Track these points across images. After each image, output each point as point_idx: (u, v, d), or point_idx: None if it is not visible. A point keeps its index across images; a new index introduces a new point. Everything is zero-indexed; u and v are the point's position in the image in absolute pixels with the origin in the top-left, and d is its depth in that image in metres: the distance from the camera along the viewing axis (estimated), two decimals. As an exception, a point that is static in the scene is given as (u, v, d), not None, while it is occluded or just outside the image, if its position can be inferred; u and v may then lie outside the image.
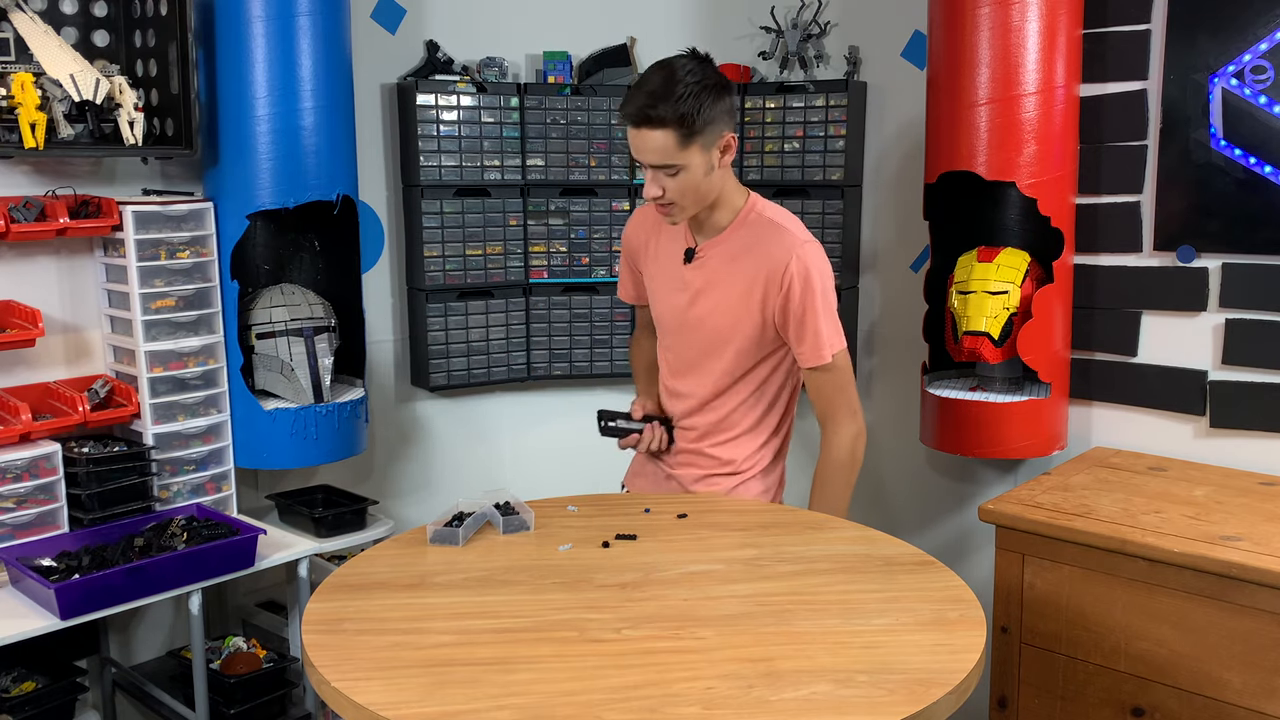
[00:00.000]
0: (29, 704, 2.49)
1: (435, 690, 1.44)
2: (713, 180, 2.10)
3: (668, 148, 2.02)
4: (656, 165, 2.05)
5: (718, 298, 2.19)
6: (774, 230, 2.15)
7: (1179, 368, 2.69)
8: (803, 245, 2.12)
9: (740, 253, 2.16)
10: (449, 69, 3.23)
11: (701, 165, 2.06)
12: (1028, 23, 2.57)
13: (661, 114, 1.99)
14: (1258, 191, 2.51)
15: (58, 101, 2.51)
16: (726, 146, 2.09)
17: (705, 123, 2.02)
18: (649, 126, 2.01)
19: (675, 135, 2.01)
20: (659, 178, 2.07)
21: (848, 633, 1.60)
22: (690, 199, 2.10)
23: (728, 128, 2.08)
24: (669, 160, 2.03)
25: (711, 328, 2.20)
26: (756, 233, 2.16)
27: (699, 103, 2.00)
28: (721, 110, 2.05)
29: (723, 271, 2.18)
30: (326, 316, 2.91)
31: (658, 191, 2.09)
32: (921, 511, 3.26)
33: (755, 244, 2.15)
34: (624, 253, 2.43)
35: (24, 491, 2.45)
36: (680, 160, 2.03)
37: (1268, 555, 2.05)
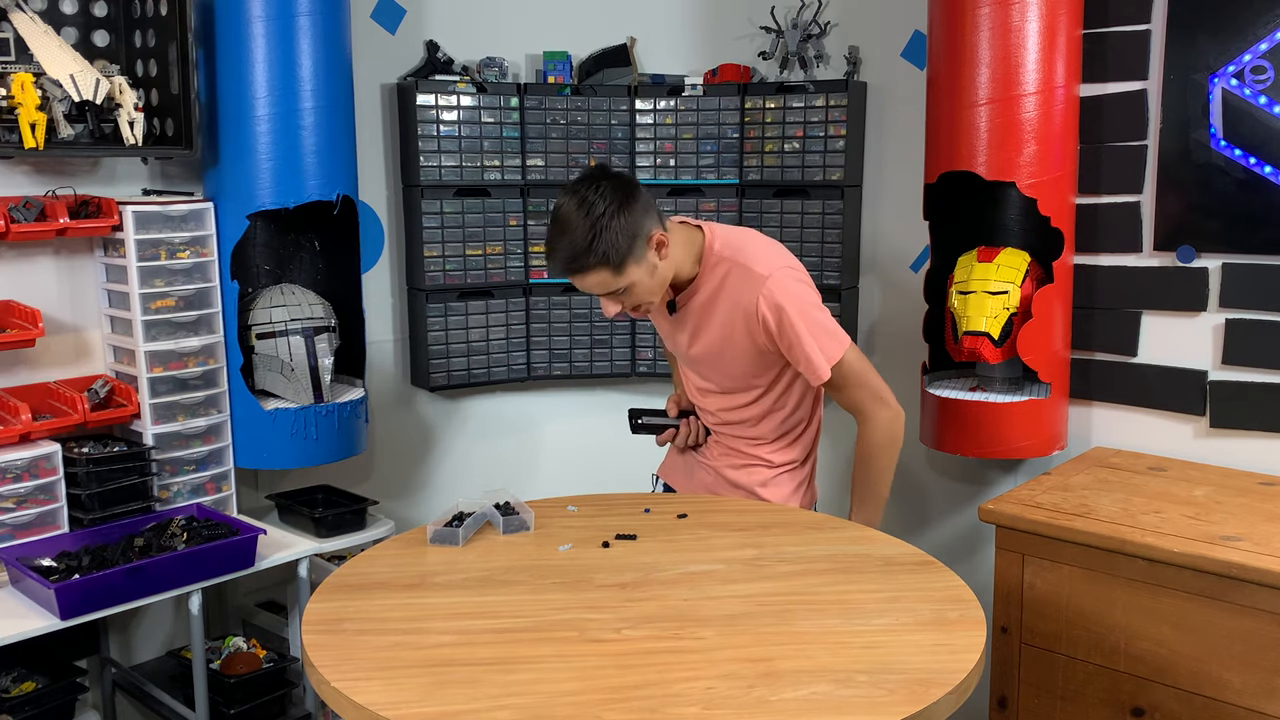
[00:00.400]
0: (29, 704, 2.49)
1: (435, 690, 1.44)
2: (662, 273, 2.14)
3: (605, 282, 2.08)
4: (605, 294, 2.12)
5: (708, 339, 2.25)
6: (739, 272, 2.17)
7: (1179, 368, 2.69)
8: (764, 283, 2.13)
9: (711, 299, 2.21)
10: (449, 69, 3.23)
11: (643, 273, 2.10)
12: (1028, 23, 2.57)
13: (585, 264, 2.05)
14: (1258, 191, 2.51)
15: (58, 101, 2.51)
16: (659, 244, 2.11)
17: (627, 247, 2.05)
18: (579, 274, 2.08)
19: (607, 272, 2.06)
20: (611, 300, 2.14)
21: (848, 633, 1.60)
22: (649, 297, 2.16)
23: (652, 228, 2.10)
24: (611, 288, 2.10)
25: (714, 360, 2.28)
26: (719, 276, 2.20)
27: (613, 235, 2.03)
28: (637, 220, 2.06)
29: (703, 318, 2.24)
30: (326, 316, 2.91)
31: (617, 309, 2.16)
32: (921, 511, 3.26)
33: (721, 288, 2.20)
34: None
35: (24, 491, 2.46)
36: (622, 284, 2.09)
37: (1268, 555, 2.05)
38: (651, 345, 3.45)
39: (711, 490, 2.39)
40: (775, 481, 2.34)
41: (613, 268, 2.05)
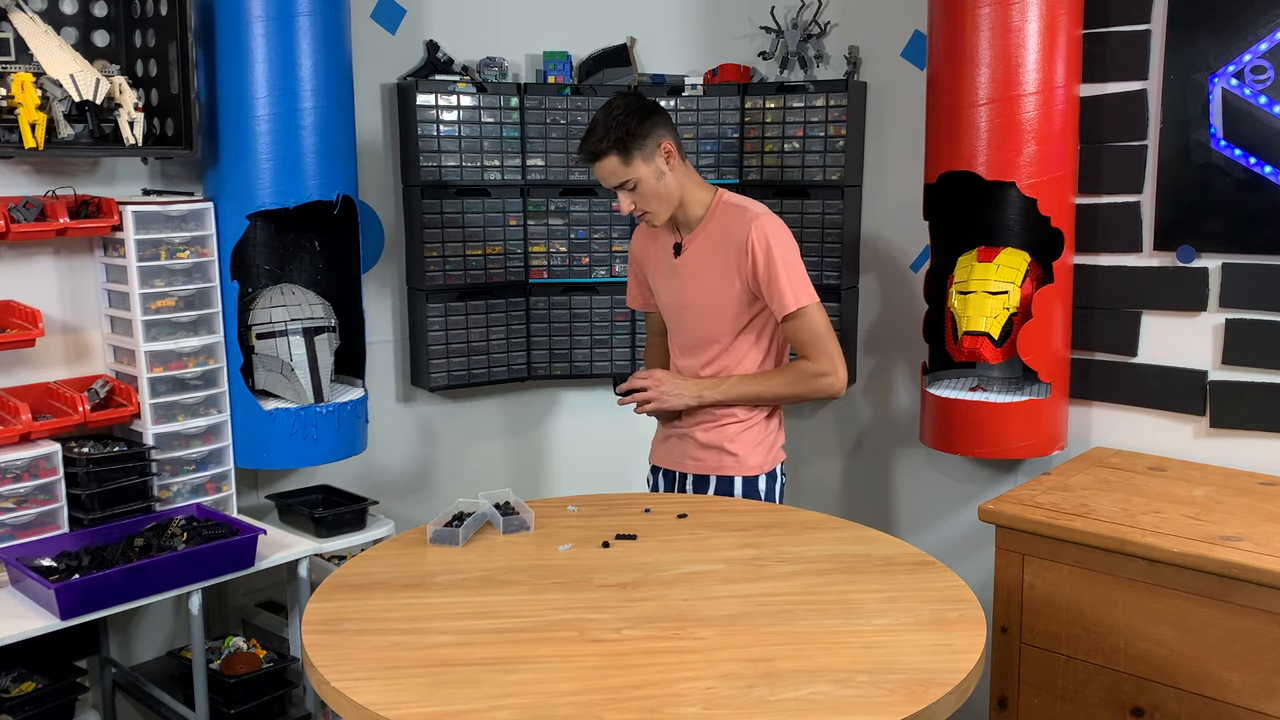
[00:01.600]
0: (29, 704, 2.49)
1: (435, 690, 1.44)
2: (668, 183, 2.47)
3: (615, 169, 2.43)
4: (615, 186, 2.46)
5: (703, 277, 2.52)
6: (736, 211, 2.50)
7: (1179, 368, 2.69)
8: (758, 218, 2.45)
9: (714, 237, 2.51)
10: (449, 69, 3.23)
11: (650, 173, 2.44)
12: (1028, 23, 2.57)
13: (600, 146, 2.42)
14: (1258, 191, 2.51)
15: (58, 101, 2.51)
16: (667, 152, 2.45)
17: (637, 139, 2.41)
18: (597, 160, 2.44)
19: (617, 158, 2.42)
20: (624, 196, 2.47)
21: (848, 633, 1.60)
22: (656, 203, 2.47)
23: (664, 137, 2.45)
24: (621, 178, 2.44)
25: (701, 302, 2.53)
26: (723, 217, 2.51)
27: (625, 126, 2.41)
28: (652, 125, 2.43)
29: (703, 255, 2.52)
30: (326, 316, 2.91)
31: (630, 205, 2.48)
32: (921, 511, 3.26)
33: (724, 227, 2.50)
34: (631, 264, 2.78)
35: (24, 491, 2.45)
36: (629, 175, 2.43)
37: (1268, 555, 2.06)
38: (651, 345, 3.44)
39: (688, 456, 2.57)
40: (741, 437, 2.53)
41: (621, 155, 2.40)
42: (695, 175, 2.55)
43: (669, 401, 2.52)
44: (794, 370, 2.51)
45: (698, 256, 2.53)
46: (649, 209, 2.48)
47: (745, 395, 2.51)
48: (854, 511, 3.34)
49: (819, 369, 2.46)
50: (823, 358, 2.45)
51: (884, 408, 3.34)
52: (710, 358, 2.56)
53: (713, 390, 2.51)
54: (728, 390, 2.50)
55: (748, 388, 2.51)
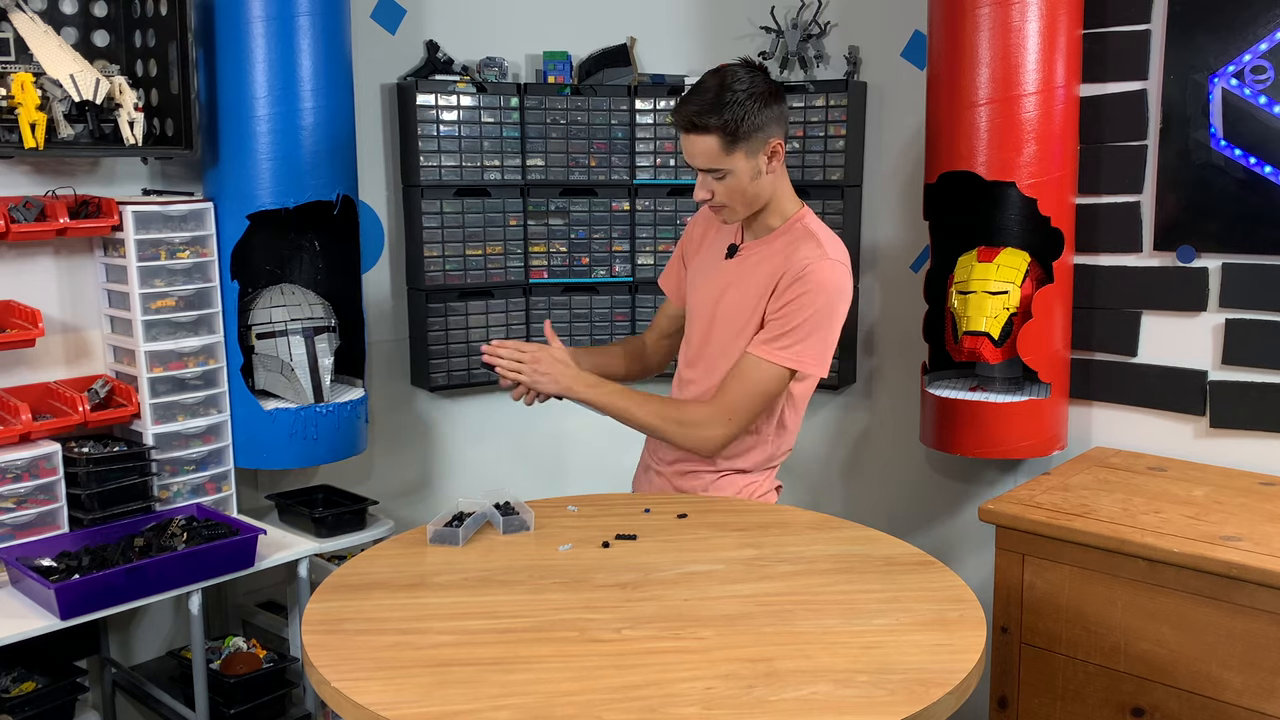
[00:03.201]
0: (29, 704, 2.48)
1: (435, 690, 1.44)
2: (761, 185, 2.17)
3: (712, 152, 2.10)
4: (703, 169, 2.14)
5: (740, 293, 2.23)
6: (807, 240, 2.19)
7: (1179, 368, 2.69)
8: (824, 260, 2.14)
9: (773, 255, 2.21)
10: (449, 69, 3.23)
11: (747, 170, 2.13)
12: (1028, 23, 2.57)
13: (706, 121, 2.08)
14: (1258, 191, 2.51)
15: (58, 101, 2.51)
16: (773, 152, 2.15)
17: (750, 130, 2.09)
18: (695, 132, 2.10)
19: (719, 141, 2.09)
20: (707, 181, 2.16)
21: (848, 633, 1.60)
22: (739, 201, 2.18)
23: (776, 135, 2.14)
24: (714, 164, 2.12)
25: (727, 321, 2.25)
26: (792, 239, 2.21)
27: (744, 110, 2.07)
28: (770, 118, 2.12)
29: (752, 270, 2.23)
30: (326, 316, 2.91)
31: (706, 194, 2.17)
32: (921, 511, 3.26)
33: (786, 249, 2.20)
34: (681, 243, 2.49)
35: (24, 491, 2.45)
36: (725, 165, 2.11)
37: (1268, 555, 2.05)
38: (651, 345, 3.44)
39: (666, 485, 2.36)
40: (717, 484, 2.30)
41: (726, 141, 2.09)
42: (789, 184, 2.26)
43: (538, 383, 2.23)
44: (672, 406, 2.24)
45: (747, 268, 2.24)
46: (728, 205, 2.18)
47: (611, 406, 2.23)
48: (854, 511, 3.34)
49: (702, 417, 2.17)
50: (722, 410, 2.16)
51: (884, 408, 3.34)
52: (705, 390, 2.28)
53: (585, 387, 2.23)
54: (600, 395, 2.23)
55: (617, 400, 2.23)
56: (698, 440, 2.20)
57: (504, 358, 2.27)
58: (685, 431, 2.20)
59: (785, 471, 3.50)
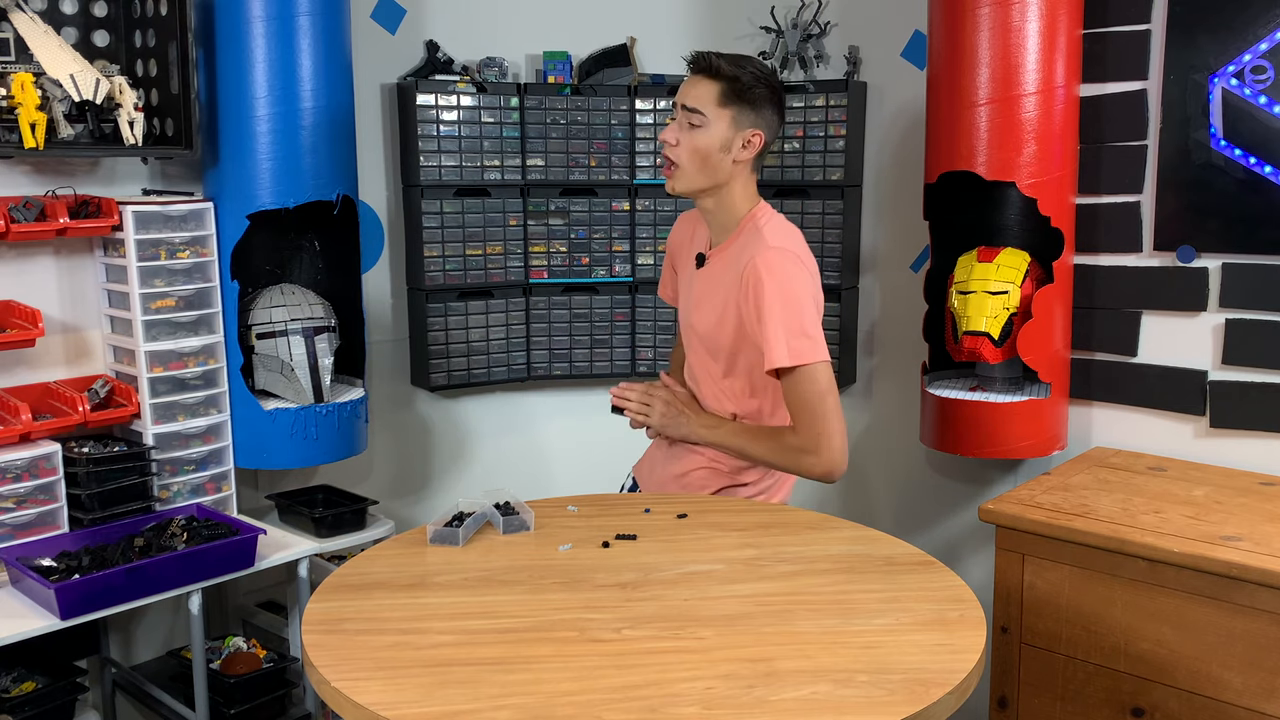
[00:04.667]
0: (29, 704, 2.48)
1: (435, 690, 1.44)
2: (721, 162, 2.14)
3: (707, 96, 2.12)
4: (689, 107, 2.13)
5: (708, 303, 2.22)
6: (753, 236, 2.15)
7: (1179, 368, 2.69)
8: (767, 250, 2.09)
9: (728, 260, 2.19)
10: (449, 69, 3.23)
11: (721, 134, 2.12)
12: (1028, 23, 2.57)
13: (720, 66, 2.11)
14: (1258, 191, 2.51)
15: (58, 101, 2.51)
16: (750, 142, 2.14)
17: (748, 103, 2.12)
18: (704, 73, 2.13)
19: (719, 90, 2.11)
20: (680, 126, 2.15)
21: (848, 633, 1.60)
22: (694, 165, 2.15)
23: (762, 129, 2.15)
24: (700, 105, 2.12)
25: (701, 331, 2.24)
26: (744, 240, 2.18)
27: (755, 85, 2.12)
28: (767, 111, 2.15)
29: (716, 278, 2.21)
30: (326, 316, 2.91)
31: (673, 139, 2.15)
32: (921, 511, 3.26)
33: (737, 250, 2.17)
34: (668, 252, 2.50)
35: (24, 491, 2.45)
36: (709, 114, 2.12)
37: (1268, 555, 2.06)
38: (651, 345, 3.45)
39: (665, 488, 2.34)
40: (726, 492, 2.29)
41: (725, 93, 2.11)
42: (753, 188, 2.23)
43: (666, 428, 2.28)
44: (778, 437, 2.16)
45: (714, 277, 2.23)
46: (680, 161, 2.15)
47: (732, 446, 2.21)
48: (854, 511, 3.34)
49: (802, 443, 2.09)
50: (807, 431, 2.07)
51: (884, 408, 3.34)
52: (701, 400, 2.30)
53: (708, 430, 2.23)
54: (722, 435, 2.21)
55: (736, 440, 2.20)
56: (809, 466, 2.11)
57: (633, 399, 2.32)
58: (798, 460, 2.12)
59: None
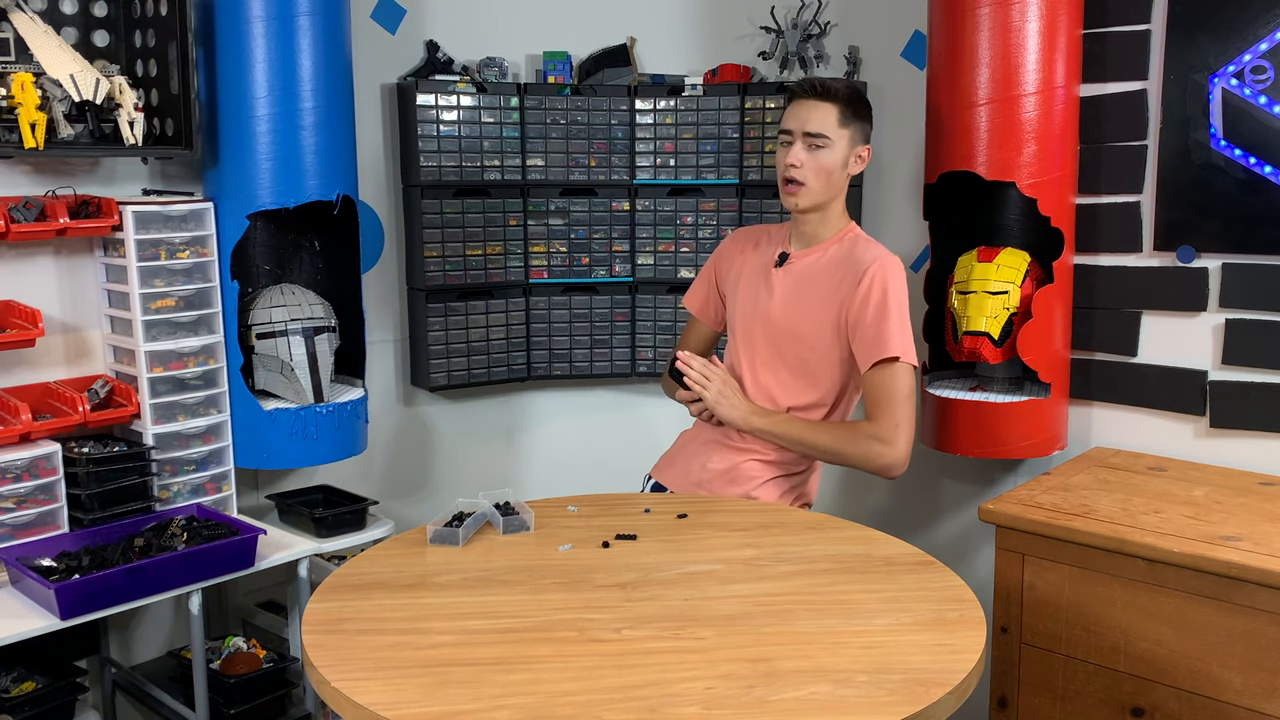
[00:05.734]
0: (29, 704, 2.48)
1: (435, 690, 1.44)
2: (842, 179, 2.31)
3: (828, 120, 2.25)
4: (811, 133, 2.25)
5: (799, 297, 2.32)
6: (866, 245, 2.32)
7: (1179, 368, 2.69)
8: (891, 256, 2.27)
9: (830, 263, 2.32)
10: (449, 69, 3.23)
11: (843, 153, 2.28)
12: (1028, 23, 2.57)
13: (836, 89, 2.26)
14: (1258, 191, 2.51)
15: (58, 101, 2.51)
16: (860, 156, 2.32)
17: (863, 120, 2.30)
18: (821, 99, 2.26)
19: (839, 112, 2.26)
20: (804, 150, 2.26)
21: (848, 633, 1.60)
22: (820, 183, 2.28)
23: (869, 143, 2.34)
24: (823, 130, 2.25)
25: (782, 322, 2.33)
26: (850, 247, 2.33)
27: (866, 102, 2.30)
28: (868, 124, 2.33)
29: (808, 275, 2.33)
30: (326, 316, 2.91)
31: (797, 161, 2.26)
32: (921, 511, 3.26)
33: (846, 256, 2.31)
34: (712, 263, 2.57)
35: (24, 491, 2.45)
36: (833, 135, 2.25)
37: (1268, 555, 2.06)
38: (651, 345, 3.45)
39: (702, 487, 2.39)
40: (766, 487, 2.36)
41: (845, 114, 2.26)
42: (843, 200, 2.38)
43: (719, 405, 2.31)
44: (850, 430, 2.26)
45: (801, 274, 2.34)
46: (810, 182, 2.26)
47: (790, 435, 2.28)
48: (854, 511, 3.34)
49: (878, 432, 2.20)
50: (888, 421, 2.19)
51: (884, 408, 3.34)
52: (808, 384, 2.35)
53: (760, 418, 2.30)
54: (776, 423, 2.29)
55: (795, 429, 2.28)
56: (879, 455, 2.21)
57: (696, 368, 2.34)
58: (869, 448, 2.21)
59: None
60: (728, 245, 2.54)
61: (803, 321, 2.31)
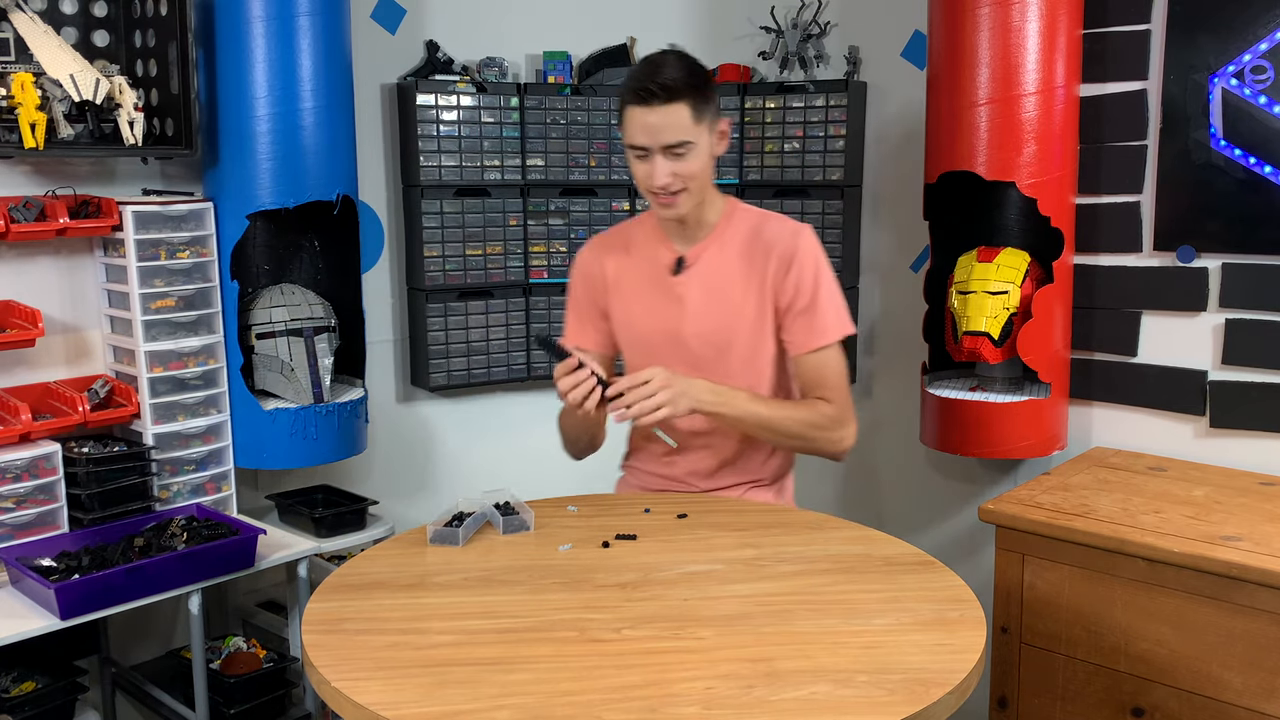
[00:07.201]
0: (29, 704, 2.48)
1: (435, 690, 1.44)
2: (712, 169, 2.06)
3: (683, 123, 1.96)
4: (670, 144, 1.97)
5: (719, 299, 2.13)
6: (766, 218, 2.14)
7: (1179, 368, 2.69)
8: (804, 228, 2.11)
9: (739, 254, 2.12)
10: (449, 69, 3.23)
11: (707, 147, 2.02)
12: (1028, 23, 2.57)
13: (677, 83, 1.94)
14: (1258, 191, 2.51)
15: (58, 101, 2.51)
16: (723, 133, 2.06)
17: (712, 102, 2.01)
18: (664, 100, 1.94)
19: (690, 110, 1.96)
20: (668, 162, 1.99)
21: (848, 633, 1.60)
22: (698, 184, 2.03)
23: (720, 114, 2.07)
24: (684, 136, 1.97)
25: (714, 331, 2.14)
26: (750, 224, 2.13)
27: (707, 80, 2.00)
28: (715, 93, 2.04)
29: (719, 277, 2.12)
30: (326, 316, 2.91)
31: (667, 179, 1.99)
32: (921, 511, 3.26)
33: (751, 237, 2.11)
34: (582, 289, 2.24)
35: (24, 491, 2.45)
36: (693, 137, 1.98)
37: (1268, 555, 2.06)
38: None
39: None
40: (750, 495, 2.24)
41: (696, 109, 1.96)
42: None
43: (678, 404, 1.98)
44: (811, 409, 2.08)
45: (708, 276, 2.11)
46: (688, 188, 2.01)
47: (748, 416, 2.06)
48: (854, 511, 3.34)
49: (838, 416, 2.08)
50: (842, 403, 2.08)
51: (884, 408, 3.34)
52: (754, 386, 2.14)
53: (715, 396, 2.03)
54: (732, 403, 2.04)
55: (755, 409, 2.06)
56: (838, 441, 2.10)
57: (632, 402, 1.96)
58: (830, 434, 2.09)
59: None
60: (589, 262, 2.24)
61: (727, 329, 2.11)
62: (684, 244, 2.15)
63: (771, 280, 2.09)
